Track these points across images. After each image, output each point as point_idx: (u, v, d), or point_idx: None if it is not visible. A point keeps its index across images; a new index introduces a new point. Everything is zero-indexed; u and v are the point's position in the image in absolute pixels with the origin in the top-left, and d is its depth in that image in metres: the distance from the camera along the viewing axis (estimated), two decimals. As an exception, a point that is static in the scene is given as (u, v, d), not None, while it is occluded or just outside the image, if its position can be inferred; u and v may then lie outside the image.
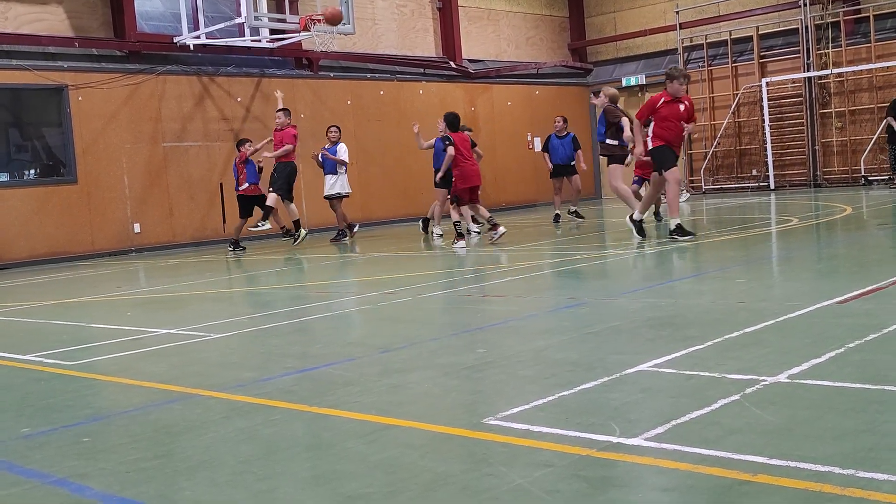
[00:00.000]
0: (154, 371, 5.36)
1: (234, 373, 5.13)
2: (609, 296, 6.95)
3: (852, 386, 3.76)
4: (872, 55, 19.75)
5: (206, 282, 10.83)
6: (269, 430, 3.83)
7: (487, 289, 8.16)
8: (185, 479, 3.24)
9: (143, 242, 16.79)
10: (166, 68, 17.24)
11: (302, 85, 19.15)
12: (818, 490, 2.65)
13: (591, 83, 25.13)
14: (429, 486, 2.96)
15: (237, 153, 15.32)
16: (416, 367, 4.85)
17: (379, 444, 3.48)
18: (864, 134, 19.97)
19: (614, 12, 24.78)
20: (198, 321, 7.23)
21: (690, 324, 5.51)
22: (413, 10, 21.77)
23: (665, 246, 10.53)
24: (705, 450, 3.09)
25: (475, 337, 5.75)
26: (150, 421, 4.13)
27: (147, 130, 16.90)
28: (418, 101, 21.04)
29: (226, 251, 15.06)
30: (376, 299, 7.92)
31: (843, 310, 5.48)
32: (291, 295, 9.11)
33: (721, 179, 22.40)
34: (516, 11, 24.18)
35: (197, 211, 17.54)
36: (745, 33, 21.85)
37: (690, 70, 22.68)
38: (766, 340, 4.78)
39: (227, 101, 18.03)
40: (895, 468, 2.77)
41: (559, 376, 4.33)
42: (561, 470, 3.01)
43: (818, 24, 20.63)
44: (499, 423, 3.61)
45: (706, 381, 4.01)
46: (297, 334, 6.44)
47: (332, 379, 4.74)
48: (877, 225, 11.44)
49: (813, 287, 6.75)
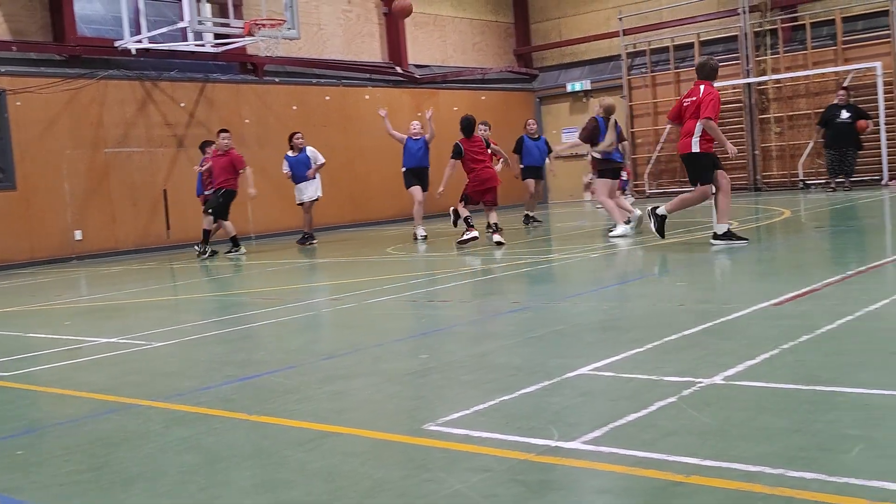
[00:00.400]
0: (92, 381, 5.28)
1: (174, 382, 5.07)
2: (553, 300, 7.01)
3: (785, 387, 3.85)
4: (809, 62, 20.19)
5: (150, 289, 10.69)
6: (210, 439, 3.80)
7: (433, 294, 8.17)
8: (122, 492, 3.20)
9: (84, 250, 16.51)
10: (108, 73, 16.99)
11: (247, 90, 19.01)
12: (749, 490, 2.71)
13: (537, 89, 25.34)
14: (368, 493, 2.96)
15: (202, 156, 15.23)
16: (358, 374, 4.84)
17: (319, 452, 3.47)
18: (802, 139, 20.39)
19: (559, 18, 25.00)
20: (139, 330, 7.13)
21: (631, 327, 5.58)
22: (359, 15, 21.74)
23: (612, 249, 10.64)
24: (641, 452, 3.13)
25: (419, 343, 5.76)
26: (86, 432, 4.07)
27: (88, 136, 16.64)
28: (364, 106, 21.01)
29: (224, 254, 14.95)
30: (321, 306, 7.89)
31: (779, 312, 5.60)
32: (236, 302, 9.04)
33: (665, 183, 22.70)
34: (462, 17, 24.28)
35: (140, 218, 17.30)
36: (687, 40, 22.19)
37: (633, 77, 22.98)
38: (704, 343, 4.87)
39: (171, 107, 17.82)
40: (824, 467, 2.84)
41: (500, 381, 4.36)
42: (499, 474, 3.03)
43: (757, 31, 21.02)
44: (439, 428, 3.62)
45: (644, 384, 4.07)
46: (240, 342, 6.39)
47: (274, 387, 4.71)
48: (814, 228, 11.69)
49: (750, 289, 6.88)
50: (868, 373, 3.96)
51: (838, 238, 10.30)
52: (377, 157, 20.63)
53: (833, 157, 18.45)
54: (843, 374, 3.95)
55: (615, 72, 23.56)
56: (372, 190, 20.97)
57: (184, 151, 17.91)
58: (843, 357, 4.29)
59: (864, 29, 19.92)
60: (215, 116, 18.40)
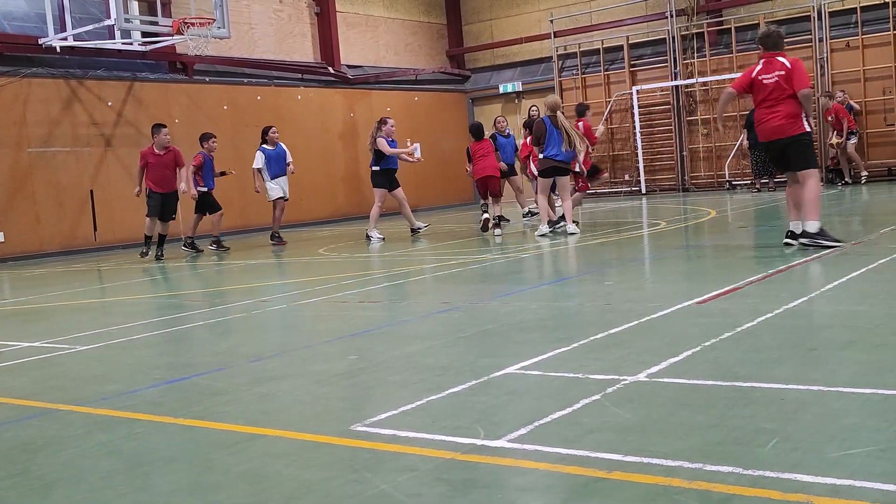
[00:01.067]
0: (12, 386, 5.16)
1: (98, 386, 4.99)
2: (482, 300, 7.06)
3: (705, 383, 3.94)
4: (734, 65, 20.63)
5: (75, 292, 10.47)
6: (132, 443, 3.75)
7: (364, 294, 8.16)
8: (40, 498, 3.14)
9: (7, 252, 16.08)
10: (31, 70, 16.58)
11: (176, 89, 18.73)
12: (667, 484, 2.77)
13: (469, 90, 25.45)
14: (292, 495, 2.96)
15: (202, 148, 14.85)
16: (286, 376, 4.82)
17: (245, 455, 3.45)
18: (728, 141, 20.84)
19: (491, 20, 25.15)
20: (63, 333, 6.99)
21: (559, 326, 5.65)
22: (290, 14, 21.58)
23: (544, 249, 10.75)
24: (565, 449, 3.18)
25: (348, 344, 5.75)
26: (5, 439, 3.98)
27: (10, 135, 16.21)
28: (297, 106, 20.87)
29: (207, 248, 14.90)
30: (251, 307, 7.82)
31: (702, 310, 5.72)
32: (164, 304, 8.91)
33: (595, 184, 22.97)
34: (395, 18, 24.27)
35: (66, 219, 16.92)
36: (617, 42, 22.50)
37: (564, 78, 23.23)
38: (629, 341, 4.95)
39: (98, 106, 17.46)
40: (740, 461, 2.92)
41: (428, 381, 4.38)
42: (425, 474, 3.05)
43: (684, 34, 21.43)
44: (366, 429, 3.63)
45: (570, 382, 4.12)
46: (167, 345, 6.31)
47: (201, 389, 4.67)
48: (738, 227, 11.96)
49: (676, 288, 7.02)
50: (785, 369, 4.07)
51: (762, 237, 10.56)
52: (310, 157, 20.50)
53: (758, 158, 18.89)
54: (761, 371, 4.06)
55: (546, 73, 23.78)
56: (304, 190, 20.82)
57: (111, 151, 17.57)
58: (761, 353, 4.40)
59: (787, 33, 20.42)
60: (144, 115, 18.08)
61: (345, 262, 11.68)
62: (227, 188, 16.65)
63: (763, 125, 8.54)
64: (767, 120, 8.47)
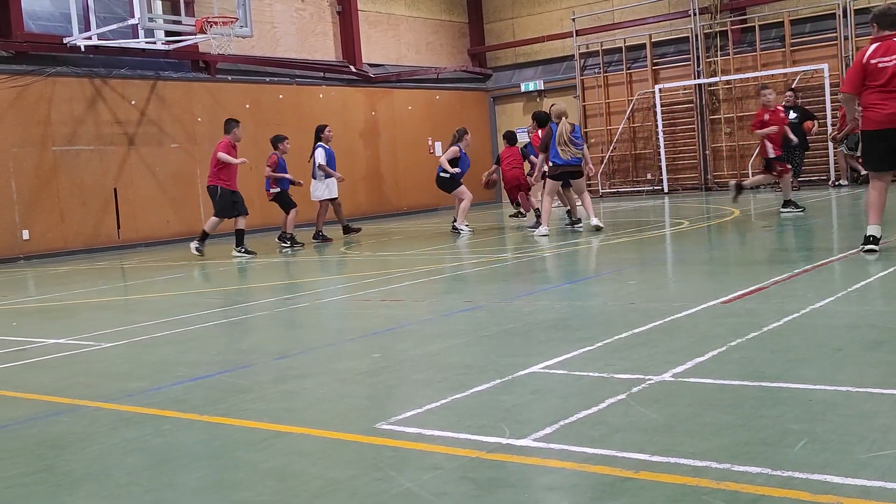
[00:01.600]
0: (39, 382, 5.20)
1: (123, 383, 5.01)
2: (505, 299, 7.04)
3: (731, 383, 3.91)
4: (758, 63, 20.51)
5: (99, 290, 10.54)
6: (158, 440, 3.76)
7: (386, 293, 8.17)
8: (68, 494, 3.16)
9: (32, 250, 16.22)
10: (56, 70, 16.71)
11: (199, 88, 18.82)
12: (695, 485, 2.75)
13: (491, 88, 25.42)
14: (318, 493, 2.96)
15: (276, 149, 14.61)
16: (310, 374, 4.83)
17: (270, 452, 3.46)
18: (751, 140, 20.68)
19: (513, 19, 25.11)
20: (88, 330, 7.04)
21: (582, 325, 5.63)
22: (312, 13, 21.64)
23: (564, 248, 10.72)
24: (591, 448, 3.17)
25: (371, 342, 5.75)
26: (32, 434, 4.01)
27: (36, 134, 16.35)
28: (318, 105, 20.92)
29: (279, 247, 14.53)
30: (274, 305, 7.84)
31: (727, 309, 5.68)
32: (188, 302, 8.94)
33: (617, 183, 22.92)
34: (416, 16, 24.27)
35: (90, 217, 17.04)
36: (639, 41, 22.41)
37: (586, 77, 23.16)
38: (654, 340, 4.93)
39: (121, 104, 17.58)
40: (768, 461, 2.89)
41: (452, 380, 4.37)
42: (450, 472, 3.05)
43: (707, 32, 21.31)
44: (391, 427, 3.63)
45: (595, 381, 4.11)
46: (191, 342, 6.33)
47: (225, 387, 4.68)
48: (762, 227, 11.88)
49: (700, 288, 6.98)
50: (812, 369, 4.04)
51: (786, 237, 10.48)
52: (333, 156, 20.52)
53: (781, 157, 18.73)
54: (789, 371, 4.03)
55: (568, 72, 23.73)
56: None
57: (135, 150, 17.69)
58: (788, 354, 4.37)
59: (811, 31, 20.29)
60: (167, 114, 18.20)
61: (366, 261, 11.69)
62: (249, 188, 16.69)
63: (879, 111, 7.58)
64: (885, 105, 7.54)
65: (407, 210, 22.86)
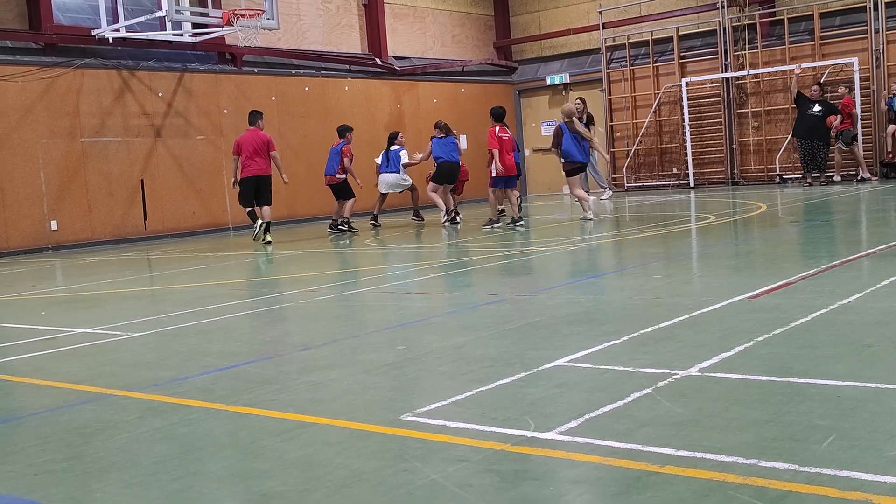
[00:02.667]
0: (67, 371, 5.25)
1: (150, 372, 5.05)
2: (529, 292, 7.03)
3: (759, 378, 3.88)
4: (787, 57, 20.31)
5: (126, 280, 10.63)
6: (185, 429, 3.79)
7: (410, 286, 8.18)
8: (96, 481, 3.19)
9: (60, 240, 16.38)
10: (84, 62, 16.84)
11: (225, 80, 18.90)
12: (722, 480, 2.74)
13: (516, 81, 25.35)
14: (344, 483, 2.97)
15: (340, 140, 15.82)
16: (335, 365, 4.84)
17: (296, 442, 3.48)
18: (779, 134, 20.53)
19: (539, 11, 25.01)
20: (115, 320, 7.10)
21: (607, 319, 5.61)
22: (338, 6, 21.66)
23: (588, 243, 10.69)
24: (616, 442, 3.16)
25: (396, 334, 5.76)
26: (61, 422, 4.05)
27: (64, 125, 16.49)
28: (344, 97, 20.95)
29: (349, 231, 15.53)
30: (298, 297, 7.87)
31: (754, 305, 5.64)
32: (213, 293, 8.99)
33: (643, 177, 22.79)
34: (442, 9, 24.24)
35: (117, 208, 17.18)
36: (666, 34, 22.26)
37: (612, 70, 23.04)
38: (680, 335, 4.90)
39: (149, 96, 17.69)
40: (796, 457, 2.87)
41: (477, 372, 4.37)
42: (475, 464, 3.05)
43: (735, 25, 21.13)
44: (416, 419, 3.63)
45: (620, 376, 4.09)
46: (216, 333, 6.37)
47: (251, 377, 4.71)
48: (789, 222, 11.79)
49: (726, 282, 6.93)
50: (841, 365, 4.00)
51: (813, 232, 10.39)
52: (356, 148, 20.53)
53: (804, 149, 18.60)
54: (816, 367, 4.00)
55: (595, 65, 23.62)
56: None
57: (161, 141, 17.80)
58: (816, 350, 4.33)
59: (841, 25, 20.06)
60: (194, 106, 18.30)
61: (391, 253, 11.71)
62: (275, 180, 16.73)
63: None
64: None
65: (432, 202, 22.82)
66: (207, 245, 15.05)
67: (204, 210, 18.32)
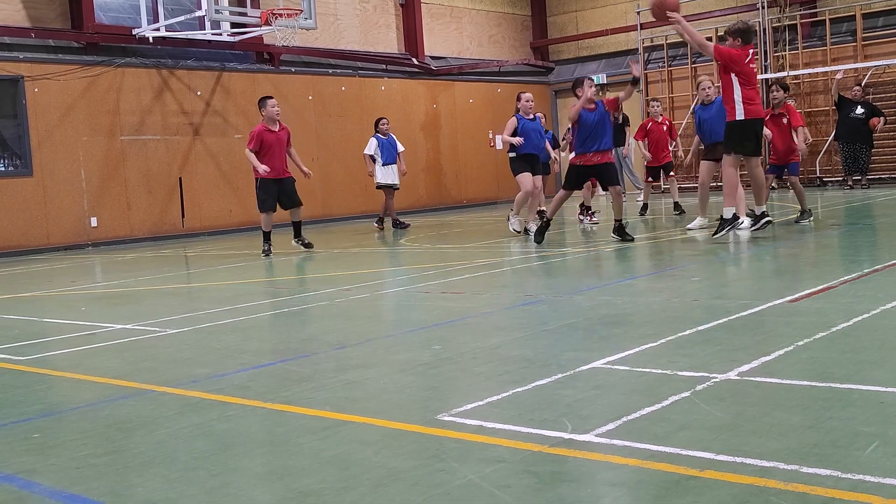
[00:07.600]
0: (107, 366, 5.31)
1: (188, 369, 5.10)
2: (566, 293, 7.00)
3: (799, 383, 3.83)
4: (828, 58, 20.06)
5: (164, 277, 10.74)
6: (223, 425, 3.82)
7: (445, 285, 8.17)
8: (137, 476, 3.22)
9: (99, 237, 16.60)
10: (125, 60, 17.05)
11: (263, 79, 19.03)
12: (762, 485, 2.70)
13: (553, 82, 25.26)
14: (380, 482, 2.97)
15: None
16: (371, 364, 4.85)
17: (333, 440, 3.49)
18: (820, 136, 20.27)
19: (576, 12, 24.91)
20: (153, 316, 7.17)
21: (645, 321, 5.57)
22: (375, 6, 21.73)
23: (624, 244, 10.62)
24: (654, 445, 3.13)
25: (431, 333, 5.76)
26: (101, 417, 4.09)
27: (105, 123, 16.71)
28: (380, 97, 21.01)
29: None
30: (334, 296, 7.90)
31: (794, 308, 5.57)
32: (250, 291, 9.06)
33: (680, 178, 22.58)
34: (479, 9, 24.23)
35: (156, 205, 17.37)
36: (705, 34, 21.99)
37: (650, 71, 22.88)
38: (718, 338, 4.85)
39: (187, 95, 17.87)
40: (837, 464, 2.83)
41: (513, 373, 4.36)
42: (512, 465, 3.04)
43: (776, 26, 20.90)
44: (452, 419, 3.63)
45: (658, 378, 4.06)
46: (253, 330, 6.41)
47: (288, 375, 4.73)
48: (830, 225, 11.63)
49: (766, 286, 6.86)
50: (883, 371, 3.94)
51: (854, 236, 10.24)
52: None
53: (846, 152, 18.35)
54: (858, 372, 3.94)
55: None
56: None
57: (199, 140, 17.97)
58: (858, 355, 4.27)
59: (884, 25, 19.77)
60: (231, 105, 18.46)
61: (425, 253, 11.72)
62: (308, 180, 16.80)
63: None
64: None
65: (467, 203, 22.86)
66: (244, 243, 15.17)
67: (241, 208, 18.46)
